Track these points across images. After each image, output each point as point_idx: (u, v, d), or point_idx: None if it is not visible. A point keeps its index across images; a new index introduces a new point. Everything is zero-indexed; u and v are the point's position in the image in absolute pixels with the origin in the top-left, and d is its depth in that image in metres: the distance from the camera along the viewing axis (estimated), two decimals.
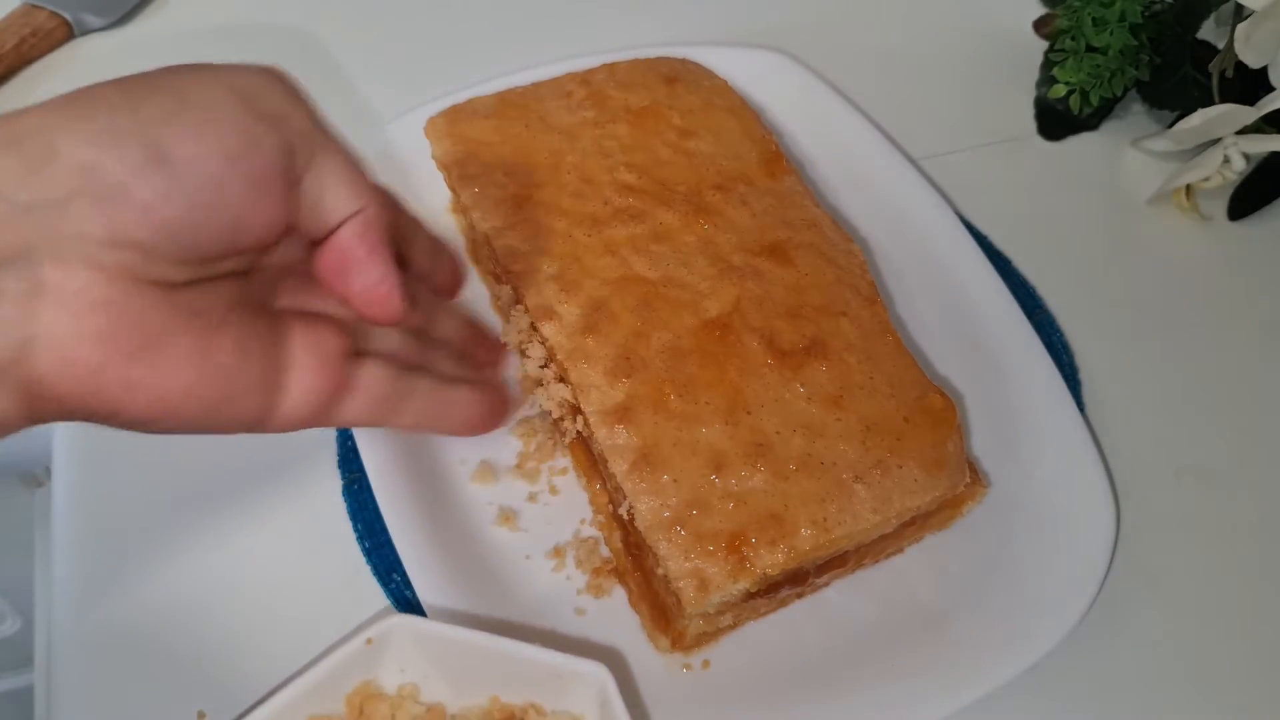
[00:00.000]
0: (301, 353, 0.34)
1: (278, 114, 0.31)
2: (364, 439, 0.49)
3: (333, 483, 0.51)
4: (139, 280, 0.28)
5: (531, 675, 0.40)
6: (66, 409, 0.29)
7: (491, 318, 0.56)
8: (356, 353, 0.36)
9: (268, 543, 0.49)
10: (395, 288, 0.34)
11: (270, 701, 0.38)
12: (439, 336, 0.43)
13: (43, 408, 0.28)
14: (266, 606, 0.47)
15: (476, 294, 0.57)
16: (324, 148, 0.32)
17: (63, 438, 0.52)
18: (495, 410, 0.41)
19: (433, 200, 0.58)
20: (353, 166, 0.33)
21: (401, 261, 0.37)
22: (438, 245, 0.42)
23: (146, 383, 0.29)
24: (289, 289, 0.36)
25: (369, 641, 0.40)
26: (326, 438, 0.52)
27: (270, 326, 0.33)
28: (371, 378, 0.35)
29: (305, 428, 0.34)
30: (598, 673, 0.40)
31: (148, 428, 0.31)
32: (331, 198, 0.32)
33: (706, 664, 0.46)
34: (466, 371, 0.43)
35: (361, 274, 0.34)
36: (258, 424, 0.33)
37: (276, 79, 0.32)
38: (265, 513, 0.50)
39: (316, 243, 0.34)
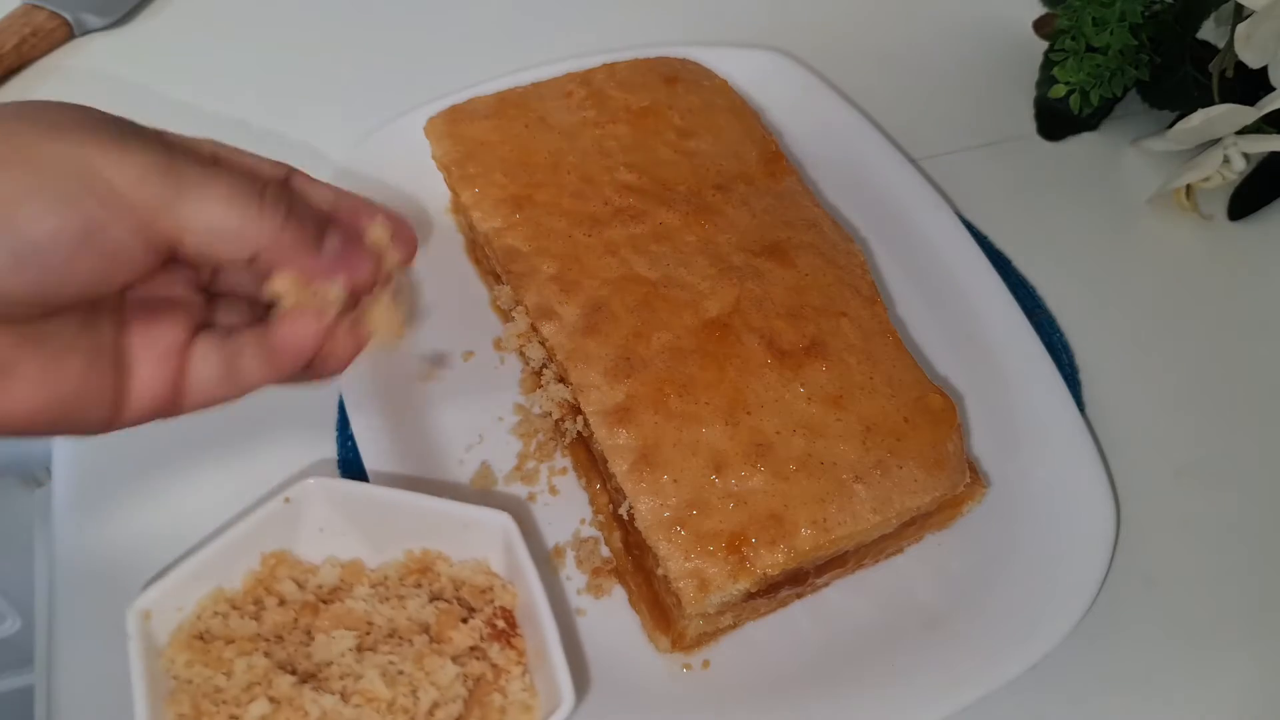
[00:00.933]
0: (142, 351, 0.34)
1: (142, 171, 0.30)
2: (364, 440, 0.49)
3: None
4: None
5: (439, 526, 0.43)
6: None
7: (491, 318, 0.56)
8: (198, 328, 0.36)
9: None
10: (338, 264, 0.35)
11: (193, 557, 0.40)
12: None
13: None
14: None
15: (477, 294, 0.57)
16: (199, 183, 0.31)
17: (63, 438, 0.52)
18: (312, 337, 0.37)
19: (433, 200, 0.58)
20: (226, 201, 0.32)
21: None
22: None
23: None
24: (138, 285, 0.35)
25: (286, 500, 0.42)
26: (327, 438, 0.52)
27: (115, 334, 0.34)
28: (203, 362, 0.35)
29: (154, 419, 0.35)
30: (500, 520, 0.42)
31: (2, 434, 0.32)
32: (221, 238, 0.32)
33: (706, 664, 0.46)
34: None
35: (303, 246, 0.34)
36: (105, 427, 0.34)
37: (129, 128, 0.31)
38: None
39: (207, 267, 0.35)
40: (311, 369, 0.37)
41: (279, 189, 0.34)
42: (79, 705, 0.45)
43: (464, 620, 0.41)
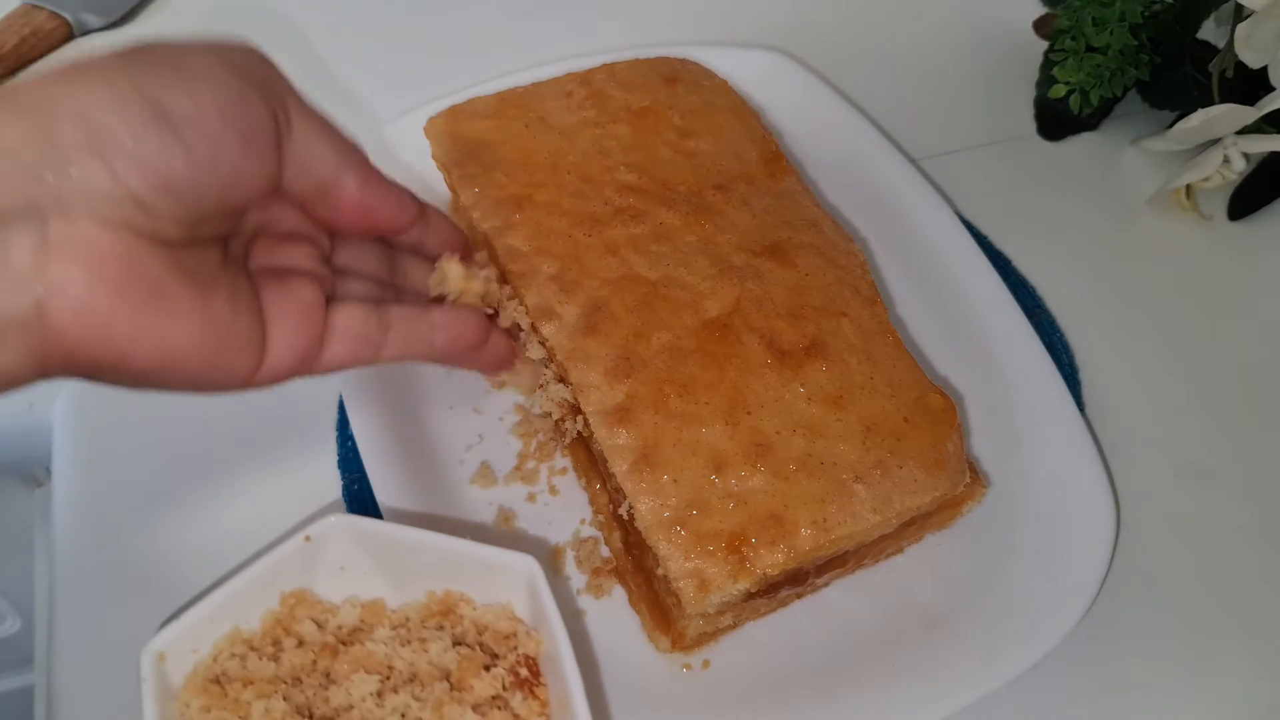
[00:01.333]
0: (280, 306, 0.35)
1: (262, 80, 0.33)
2: (364, 440, 0.49)
3: (337, 482, 0.51)
4: (141, 236, 0.29)
5: (463, 567, 0.42)
6: (74, 361, 0.30)
7: None
8: (329, 299, 0.37)
9: (269, 542, 0.49)
10: (411, 200, 0.38)
11: (209, 597, 0.39)
12: (406, 279, 0.44)
13: (52, 361, 0.29)
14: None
15: None
16: (302, 112, 0.34)
17: (63, 438, 0.53)
18: (477, 330, 0.41)
19: (433, 200, 0.58)
20: (331, 128, 0.35)
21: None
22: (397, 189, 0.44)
23: (153, 332, 0.30)
24: (260, 250, 0.37)
25: (307, 539, 0.41)
26: (328, 440, 0.52)
27: (250, 287, 0.35)
28: (348, 319, 0.37)
29: (293, 378, 0.36)
30: (526, 564, 0.41)
31: (148, 380, 0.32)
32: (319, 155, 0.34)
33: (706, 664, 0.46)
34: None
35: (386, 204, 0.37)
36: (248, 379, 0.34)
37: (257, 53, 0.35)
38: (266, 513, 0.50)
39: (306, 202, 0.36)
40: (470, 359, 0.41)
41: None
42: (79, 705, 0.45)
43: (486, 668, 0.40)
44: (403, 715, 0.38)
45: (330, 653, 0.40)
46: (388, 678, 0.39)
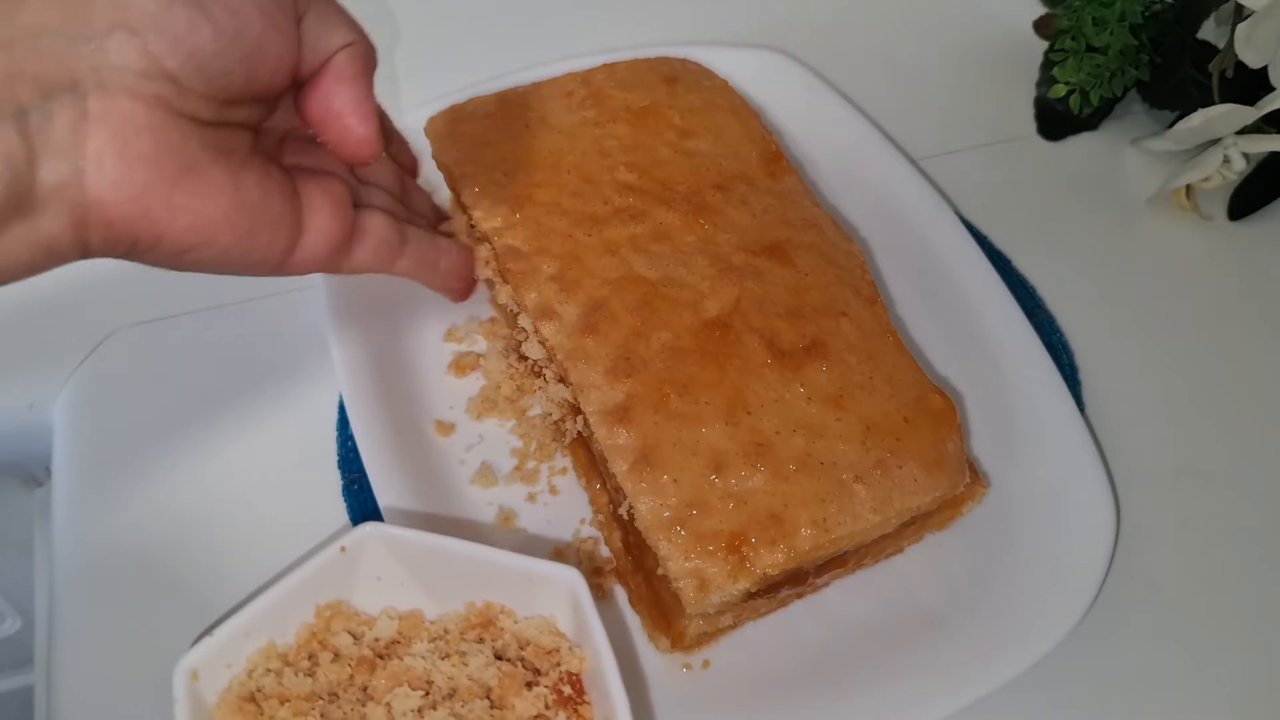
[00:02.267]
0: (315, 197, 0.37)
1: None
2: (363, 442, 0.49)
3: (337, 482, 0.51)
4: (174, 112, 0.31)
5: (504, 580, 0.41)
6: (113, 236, 0.31)
7: (491, 316, 0.56)
8: (356, 205, 0.39)
9: (269, 542, 0.49)
10: (373, 114, 0.38)
11: (243, 611, 0.38)
12: (413, 207, 0.48)
13: (94, 233, 0.31)
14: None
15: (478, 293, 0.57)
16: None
17: (63, 438, 0.53)
18: (469, 265, 0.48)
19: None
20: (344, 11, 0.36)
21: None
22: (394, 131, 0.48)
23: (189, 206, 0.32)
24: (293, 150, 0.39)
25: (343, 549, 0.40)
26: (329, 441, 0.52)
27: (284, 173, 0.36)
28: (376, 223, 0.39)
29: (320, 270, 0.38)
30: (569, 576, 0.40)
31: (184, 257, 0.33)
32: (329, 31, 0.35)
33: (706, 664, 0.46)
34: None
35: (345, 93, 0.37)
36: (281, 263, 0.36)
37: None
38: (266, 513, 0.50)
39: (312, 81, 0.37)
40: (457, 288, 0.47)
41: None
42: (79, 705, 0.45)
43: (529, 685, 0.38)
44: None
45: (368, 667, 0.39)
46: (427, 693, 0.38)
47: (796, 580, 0.44)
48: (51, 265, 0.31)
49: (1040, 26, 0.70)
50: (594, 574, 0.48)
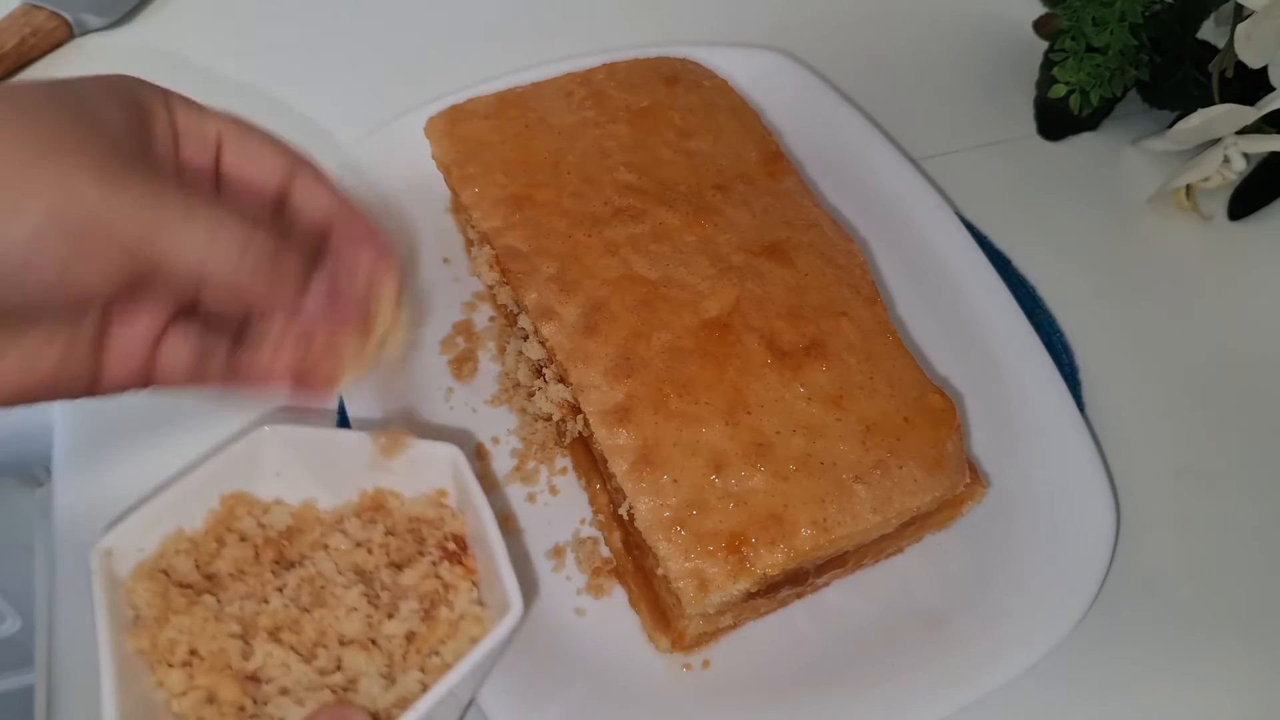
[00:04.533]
0: (118, 338, 0.36)
1: (114, 213, 0.30)
2: None
3: None
4: None
5: (390, 463, 0.43)
6: None
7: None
8: (183, 310, 0.37)
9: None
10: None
11: (154, 499, 0.41)
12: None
13: None
14: None
15: (477, 294, 0.57)
16: (165, 231, 0.31)
17: (62, 438, 0.52)
18: (305, 373, 0.38)
19: (433, 200, 0.58)
20: (206, 244, 0.32)
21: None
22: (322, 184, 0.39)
23: None
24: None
25: (243, 444, 0.42)
26: None
27: (97, 320, 0.35)
28: (173, 353, 0.37)
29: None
30: (449, 452, 0.43)
31: None
32: (201, 275, 0.32)
33: (706, 664, 0.46)
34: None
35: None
36: (86, 396, 0.36)
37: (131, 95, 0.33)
38: None
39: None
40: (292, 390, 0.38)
41: (268, 228, 0.34)
42: (79, 705, 0.45)
43: (419, 553, 0.42)
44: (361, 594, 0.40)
45: (273, 548, 0.42)
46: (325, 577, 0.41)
47: (796, 580, 0.44)
48: None
49: (1040, 26, 0.70)
50: (594, 574, 0.48)
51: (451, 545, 0.43)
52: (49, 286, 0.30)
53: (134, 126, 0.33)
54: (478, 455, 0.51)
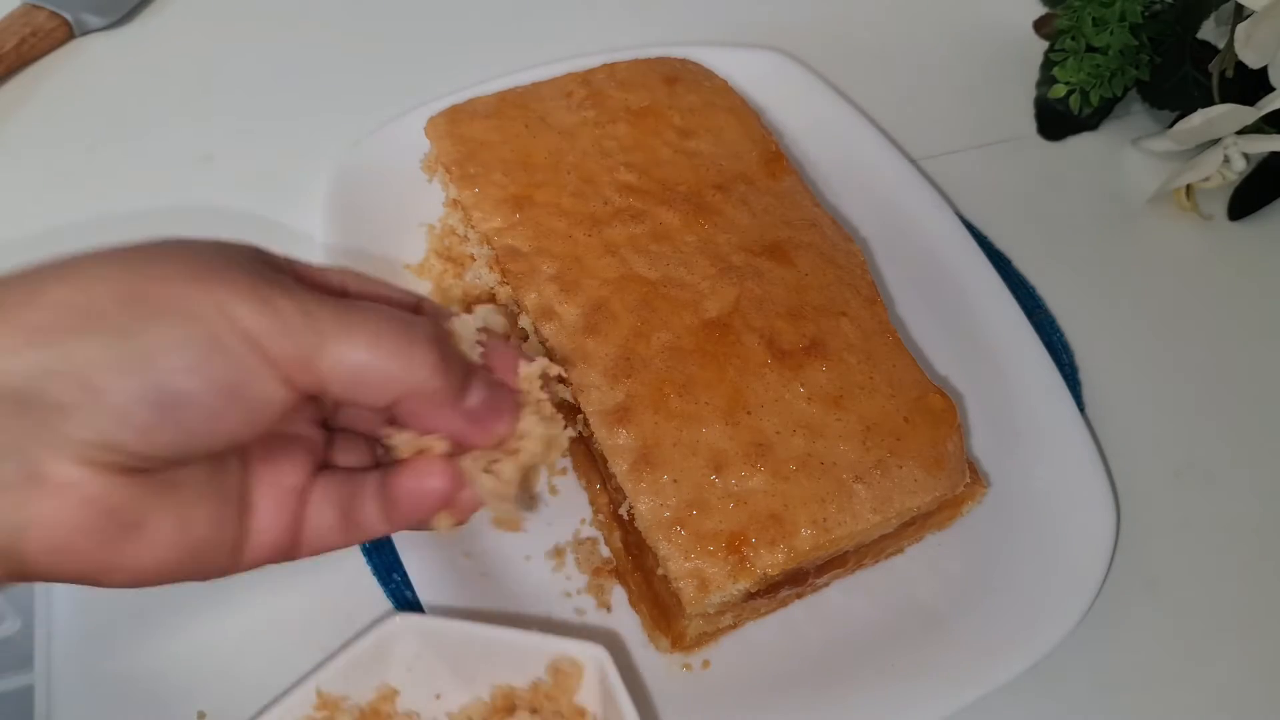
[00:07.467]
0: (263, 496, 0.33)
1: (274, 335, 0.29)
2: None
3: None
4: (125, 470, 0.28)
5: (533, 662, 0.41)
6: (47, 578, 0.30)
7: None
8: (320, 465, 0.34)
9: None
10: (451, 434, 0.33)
11: (281, 701, 0.38)
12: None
13: (24, 576, 0.29)
14: (267, 606, 0.47)
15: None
16: (329, 342, 0.30)
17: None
18: (447, 487, 0.34)
19: (432, 200, 0.58)
20: (371, 346, 0.30)
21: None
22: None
23: (125, 565, 0.30)
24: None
25: (371, 641, 0.40)
26: None
27: (240, 475, 0.32)
28: (321, 506, 0.34)
29: (268, 564, 0.34)
30: (596, 654, 0.40)
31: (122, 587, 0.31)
32: (367, 384, 0.30)
33: (706, 664, 0.46)
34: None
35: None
36: (222, 574, 0.33)
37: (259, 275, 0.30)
38: None
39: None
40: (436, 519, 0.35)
41: (430, 328, 0.31)
42: (79, 705, 0.45)
43: None
44: None
45: None
46: None
47: (796, 580, 0.44)
48: None
49: (1040, 26, 0.70)
50: (594, 574, 0.48)
51: None
52: (209, 425, 0.29)
53: (265, 257, 0.31)
54: None
